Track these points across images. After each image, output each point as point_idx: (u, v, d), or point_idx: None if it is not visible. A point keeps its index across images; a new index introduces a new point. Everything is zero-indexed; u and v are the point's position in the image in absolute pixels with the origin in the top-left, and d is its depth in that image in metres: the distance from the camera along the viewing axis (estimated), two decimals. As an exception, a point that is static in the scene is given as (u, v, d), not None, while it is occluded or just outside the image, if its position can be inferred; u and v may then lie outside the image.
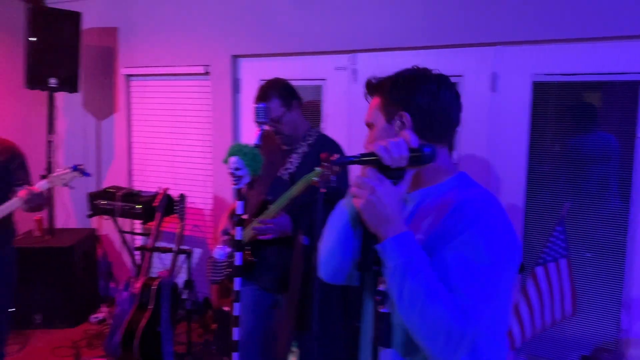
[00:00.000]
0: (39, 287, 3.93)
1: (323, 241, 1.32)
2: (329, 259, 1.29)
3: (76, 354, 3.57)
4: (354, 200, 1.14)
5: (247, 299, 2.53)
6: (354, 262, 1.25)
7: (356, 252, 1.23)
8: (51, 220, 4.29)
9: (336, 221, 1.28)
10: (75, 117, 4.69)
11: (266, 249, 2.42)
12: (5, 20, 4.43)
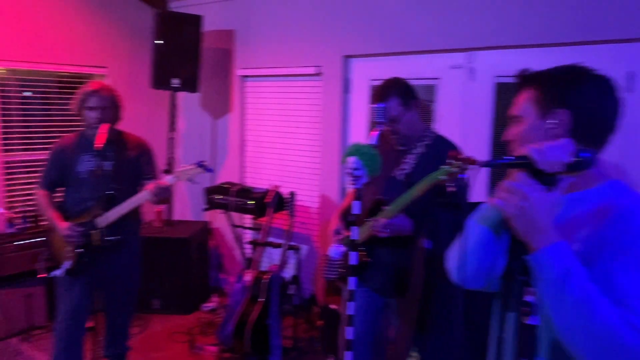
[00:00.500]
0: (157, 275, 4.20)
1: (458, 244, 1.27)
2: (465, 263, 1.24)
3: (191, 340, 3.77)
4: (501, 205, 1.08)
5: (358, 300, 2.52)
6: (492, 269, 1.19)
7: (496, 259, 1.17)
8: (170, 213, 4.57)
9: (475, 225, 1.22)
10: (193, 116, 4.97)
11: (380, 249, 2.40)
12: (135, 25, 4.80)
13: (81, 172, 2.86)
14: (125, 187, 2.86)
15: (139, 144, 3.04)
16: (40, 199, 2.90)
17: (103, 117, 2.82)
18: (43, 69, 4.36)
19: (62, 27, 4.35)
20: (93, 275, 2.82)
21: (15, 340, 3.72)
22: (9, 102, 4.20)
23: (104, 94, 2.84)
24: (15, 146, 4.27)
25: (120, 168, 2.89)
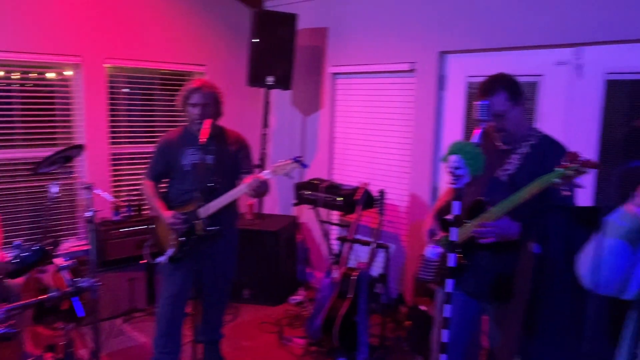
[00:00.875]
0: (248, 265, 4.33)
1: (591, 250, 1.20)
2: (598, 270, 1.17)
3: (280, 331, 3.86)
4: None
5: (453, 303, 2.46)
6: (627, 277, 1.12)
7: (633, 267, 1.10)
8: (260, 206, 4.70)
9: (610, 235, 1.15)
10: (284, 113, 5.08)
11: (479, 252, 2.32)
12: (232, 24, 4.97)
13: (185, 164, 3.01)
14: (225, 180, 2.97)
15: (238, 139, 3.15)
16: (146, 189, 3.09)
17: (203, 113, 2.94)
18: (147, 66, 4.62)
19: (165, 27, 4.60)
20: (193, 263, 2.96)
21: (118, 321, 3.98)
22: (116, 98, 4.50)
23: (206, 91, 2.97)
24: (121, 139, 4.57)
25: (221, 162, 3.02)
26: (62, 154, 3.05)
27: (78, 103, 4.27)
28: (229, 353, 3.44)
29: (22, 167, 4.09)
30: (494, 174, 2.36)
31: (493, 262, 2.32)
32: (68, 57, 4.14)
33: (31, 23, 3.91)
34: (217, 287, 3.13)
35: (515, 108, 2.28)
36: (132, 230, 4.18)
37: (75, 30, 4.12)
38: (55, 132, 4.24)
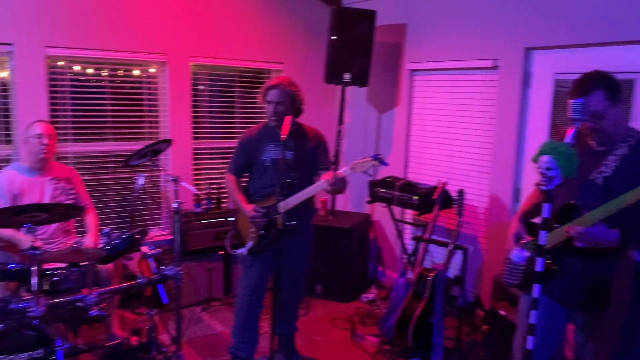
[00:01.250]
0: (320, 261, 4.36)
1: None
2: None
3: (352, 328, 3.87)
4: None
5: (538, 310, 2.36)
6: None
7: None
8: (334, 203, 4.73)
9: None
10: (359, 110, 5.07)
11: (569, 258, 2.21)
12: (310, 21, 5.02)
13: (265, 160, 3.08)
14: (303, 175, 3.01)
15: (316, 136, 3.18)
16: (229, 183, 3.19)
17: (276, 110, 3.00)
18: (228, 64, 4.76)
19: (246, 26, 4.71)
20: (272, 256, 3.02)
21: (197, 309, 4.14)
22: (198, 94, 4.67)
23: (282, 88, 3.02)
24: (202, 134, 4.74)
25: (299, 157, 3.06)
26: (151, 148, 3.20)
27: (163, 99, 4.47)
28: (302, 347, 3.49)
29: (112, 160, 4.33)
30: (588, 176, 2.24)
31: (584, 269, 2.20)
32: (155, 55, 4.34)
33: (122, 23, 4.12)
34: (293, 280, 3.18)
35: (613, 107, 2.14)
36: (211, 222, 4.33)
37: (162, 30, 4.31)
38: (142, 127, 4.46)
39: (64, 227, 3.43)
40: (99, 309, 2.80)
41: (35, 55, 3.82)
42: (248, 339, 3.14)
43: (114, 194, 4.37)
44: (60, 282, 2.90)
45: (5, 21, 3.68)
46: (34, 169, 3.32)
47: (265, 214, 2.97)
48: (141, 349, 3.32)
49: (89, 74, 4.20)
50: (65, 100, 4.06)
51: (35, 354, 2.71)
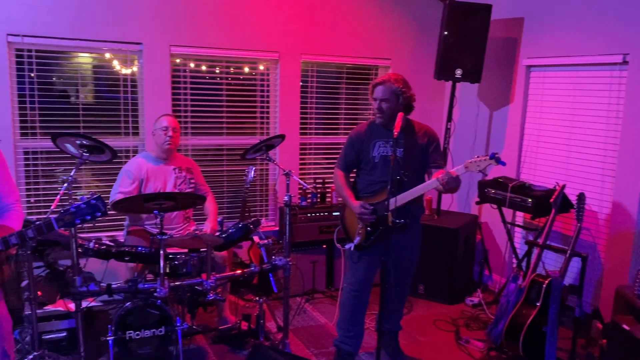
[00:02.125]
0: (425, 261, 4.26)
1: None
2: None
3: (456, 331, 3.77)
4: None
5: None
6: None
7: None
8: (439, 202, 4.63)
9: None
10: (469, 107, 4.91)
11: None
12: (420, 16, 4.95)
13: (375, 156, 3.07)
14: (412, 173, 2.96)
15: (427, 133, 3.12)
16: (337, 178, 3.22)
17: (380, 107, 2.99)
18: (337, 61, 4.82)
19: (355, 22, 4.74)
20: (379, 252, 3.02)
21: (300, 299, 4.25)
22: (306, 91, 4.77)
23: (387, 85, 2.99)
24: (308, 130, 4.84)
25: (410, 155, 3.03)
26: (266, 142, 3.33)
27: (274, 96, 4.63)
28: (405, 346, 3.46)
29: (226, 153, 4.56)
30: None
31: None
32: (268, 53, 4.50)
33: (238, 23, 4.32)
34: (399, 279, 3.16)
35: None
36: (316, 216, 4.42)
37: (275, 28, 4.45)
38: (254, 123, 4.65)
39: (184, 214, 3.66)
40: (216, 294, 2.96)
41: (162, 54, 4.11)
42: (353, 334, 3.17)
43: (226, 186, 4.60)
44: (180, 266, 3.12)
45: (136, 22, 3.99)
46: (159, 159, 3.58)
47: (373, 211, 2.97)
48: (250, 334, 3.49)
49: (207, 71, 4.45)
50: (187, 97, 4.33)
51: (157, 331, 2.93)
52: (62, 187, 2.69)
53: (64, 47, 3.92)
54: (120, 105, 4.13)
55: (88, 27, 3.86)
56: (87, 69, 4.16)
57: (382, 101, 2.99)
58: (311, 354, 3.42)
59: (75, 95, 4.12)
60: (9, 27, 3.66)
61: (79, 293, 2.72)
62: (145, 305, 2.94)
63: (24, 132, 3.86)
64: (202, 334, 3.60)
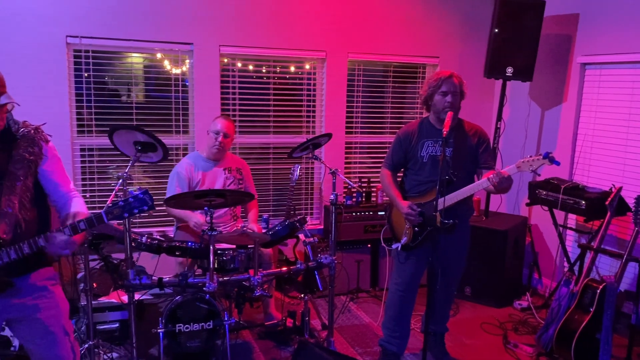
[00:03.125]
0: (472, 263, 4.19)
1: None
2: None
3: (504, 335, 3.69)
4: None
5: None
6: None
7: None
8: (487, 204, 4.53)
9: None
10: (519, 106, 4.79)
11: None
12: (469, 14, 4.86)
13: (423, 156, 3.03)
14: (462, 173, 2.92)
15: (477, 132, 3.06)
16: (384, 178, 3.20)
17: (454, 101, 2.92)
18: (384, 59, 4.79)
19: (403, 20, 4.70)
20: (426, 253, 2.99)
21: (345, 298, 4.25)
22: (352, 89, 4.76)
23: (455, 80, 2.94)
24: (354, 129, 4.83)
25: (459, 154, 2.98)
26: (313, 141, 3.34)
27: (320, 95, 4.64)
28: (451, 348, 3.41)
29: (273, 151, 4.61)
30: None
31: None
32: (315, 52, 4.51)
33: (286, 23, 4.35)
34: (447, 280, 3.11)
35: None
36: (360, 215, 4.41)
37: (322, 27, 4.47)
38: (300, 121, 4.68)
39: (232, 213, 3.72)
40: (263, 290, 3.00)
41: (211, 54, 4.19)
42: (399, 334, 3.14)
43: (272, 183, 4.65)
44: (228, 262, 3.17)
45: (187, 23, 4.08)
46: (210, 159, 3.65)
47: (421, 212, 2.94)
48: (295, 331, 3.52)
49: (254, 70, 4.50)
50: (235, 96, 4.40)
51: (206, 325, 3.00)
52: (117, 183, 2.77)
53: (118, 48, 4.05)
54: (171, 104, 4.23)
55: (141, 28, 3.98)
56: (139, 69, 4.28)
57: (454, 95, 2.93)
58: (356, 352, 3.42)
59: (128, 95, 4.25)
60: (68, 29, 3.82)
61: (132, 285, 2.81)
62: (195, 300, 3.00)
63: (81, 130, 4.01)
64: (248, 329, 3.66)
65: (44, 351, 2.00)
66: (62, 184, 2.00)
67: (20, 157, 1.86)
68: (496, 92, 4.90)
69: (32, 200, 1.89)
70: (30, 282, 1.94)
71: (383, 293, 4.12)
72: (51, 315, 1.98)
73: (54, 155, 1.98)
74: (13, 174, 1.83)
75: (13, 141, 1.87)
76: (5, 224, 1.80)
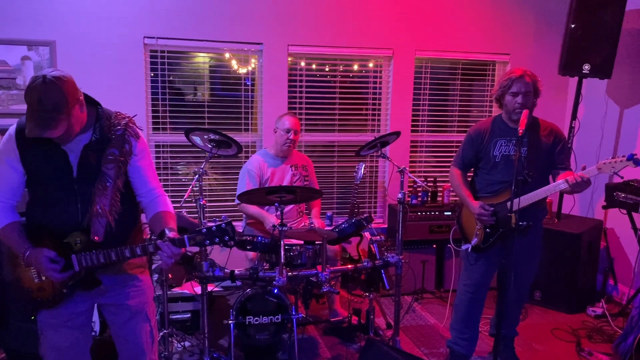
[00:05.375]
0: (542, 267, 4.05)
1: None
2: None
3: (577, 342, 3.55)
4: None
5: None
6: None
7: None
8: (560, 205, 4.37)
9: None
10: (595, 104, 4.58)
11: None
12: (542, 9, 4.70)
13: (496, 155, 2.96)
14: (536, 173, 2.83)
15: (553, 131, 2.97)
16: (454, 177, 3.15)
17: (525, 102, 2.84)
18: (453, 57, 4.71)
19: (472, 17, 4.60)
20: (497, 255, 2.92)
21: (409, 299, 4.21)
22: (419, 87, 4.70)
23: (528, 79, 2.86)
24: (420, 127, 4.78)
25: (534, 154, 2.89)
26: (381, 139, 3.33)
27: (386, 93, 4.62)
28: (521, 353, 3.32)
29: (337, 149, 4.64)
30: None
31: None
32: (382, 50, 4.50)
33: (353, 21, 4.37)
34: (519, 283, 3.02)
35: None
36: (426, 215, 4.36)
37: (389, 25, 4.45)
38: (365, 120, 4.68)
39: (297, 209, 3.78)
40: (330, 286, 3.03)
41: (280, 53, 4.26)
42: (468, 336, 3.09)
43: (336, 181, 4.68)
44: (296, 257, 3.22)
45: (257, 24, 4.17)
46: (277, 156, 3.72)
47: (494, 213, 2.88)
48: (360, 329, 3.53)
49: (320, 69, 4.54)
50: (302, 95, 4.46)
51: (274, 318, 3.06)
52: (194, 178, 2.88)
53: (191, 48, 4.20)
54: (240, 103, 4.34)
55: (213, 28, 4.10)
56: (209, 69, 4.42)
57: (525, 95, 2.86)
58: (422, 353, 3.39)
59: (200, 93, 4.40)
60: (145, 30, 4.00)
61: (206, 277, 2.92)
62: (264, 293, 3.08)
63: (156, 127, 4.19)
64: (314, 325, 3.70)
65: (128, 335, 2.10)
66: (150, 181, 2.04)
67: (113, 156, 1.91)
68: (570, 90, 4.71)
69: (122, 200, 1.94)
70: (122, 273, 2.03)
71: (449, 294, 4.06)
72: (138, 302, 2.08)
73: (143, 151, 2.01)
74: (104, 174, 1.89)
75: (105, 140, 1.91)
76: (97, 227, 1.88)
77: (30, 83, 1.72)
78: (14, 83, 3.79)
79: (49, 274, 1.86)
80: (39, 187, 1.92)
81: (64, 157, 1.88)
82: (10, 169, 1.90)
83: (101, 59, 3.92)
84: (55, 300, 1.94)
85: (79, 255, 1.88)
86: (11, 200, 1.95)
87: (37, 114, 1.70)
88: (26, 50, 3.79)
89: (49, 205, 1.91)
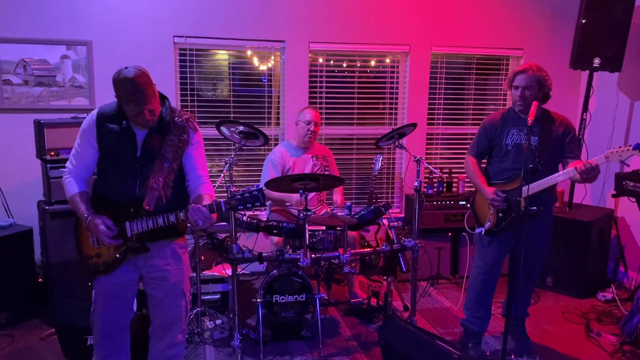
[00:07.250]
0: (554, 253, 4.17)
1: None
2: None
3: (586, 324, 3.71)
4: None
5: None
6: None
7: None
8: (571, 194, 4.52)
9: None
10: (606, 97, 4.72)
11: None
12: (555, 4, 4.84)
13: (508, 144, 3.14)
14: (547, 162, 3.00)
15: (563, 122, 3.13)
16: (469, 165, 3.32)
17: (522, 95, 3.04)
18: (468, 52, 4.87)
19: (487, 12, 4.76)
20: (509, 238, 3.10)
21: (424, 284, 4.41)
22: (434, 82, 4.88)
23: (530, 74, 3.03)
24: (435, 120, 4.96)
25: (545, 143, 3.06)
26: (398, 131, 3.53)
27: (403, 87, 4.81)
28: (532, 333, 3.49)
29: (356, 142, 4.84)
30: None
31: None
32: (399, 46, 4.69)
33: (371, 18, 4.56)
34: (529, 266, 3.18)
35: None
36: (441, 204, 4.54)
37: (406, 21, 4.63)
38: (382, 113, 4.87)
39: (318, 198, 3.99)
40: (351, 267, 3.24)
41: (302, 50, 4.47)
42: (480, 314, 3.27)
43: (355, 173, 4.88)
44: (319, 242, 3.43)
45: (280, 22, 4.39)
46: (299, 147, 3.93)
47: (506, 198, 3.05)
48: (379, 310, 3.74)
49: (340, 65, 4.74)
50: (322, 90, 4.67)
51: (299, 297, 3.28)
52: (225, 167, 3.11)
53: (218, 46, 4.43)
54: (264, 98, 4.57)
55: (238, 27, 4.33)
56: (234, 66, 4.63)
57: (525, 89, 3.04)
58: (437, 333, 3.58)
59: (224, 89, 4.62)
60: (175, 30, 4.23)
61: (236, 259, 3.15)
62: (290, 274, 3.30)
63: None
64: (334, 307, 3.92)
65: (165, 307, 2.36)
66: (199, 169, 2.32)
67: (172, 142, 2.22)
68: (582, 83, 4.85)
69: (175, 181, 2.24)
70: (170, 250, 2.31)
71: (463, 280, 4.24)
72: (178, 280, 2.34)
73: (199, 142, 2.32)
74: (163, 156, 2.20)
75: (167, 128, 2.22)
76: (150, 198, 2.15)
77: (117, 76, 2.07)
78: (54, 80, 4.05)
79: (104, 238, 2.14)
80: (107, 162, 2.23)
81: (132, 138, 2.19)
82: (89, 147, 2.23)
83: (134, 57, 4.15)
84: (110, 265, 2.23)
85: (132, 223, 2.17)
86: (84, 173, 2.28)
87: (134, 96, 2.05)
88: (65, 50, 4.05)
89: (113, 180, 2.22)
